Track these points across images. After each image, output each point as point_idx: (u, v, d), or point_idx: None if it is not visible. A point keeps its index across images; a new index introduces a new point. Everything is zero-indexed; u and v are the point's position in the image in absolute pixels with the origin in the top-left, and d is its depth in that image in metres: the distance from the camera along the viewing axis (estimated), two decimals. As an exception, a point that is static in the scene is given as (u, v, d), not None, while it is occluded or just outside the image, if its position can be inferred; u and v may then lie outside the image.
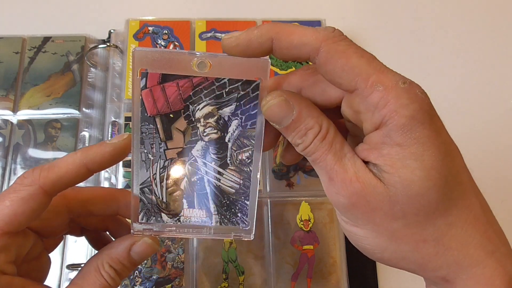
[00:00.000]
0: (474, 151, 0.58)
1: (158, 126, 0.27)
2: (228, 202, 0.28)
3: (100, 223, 0.32)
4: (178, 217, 0.28)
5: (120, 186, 0.47)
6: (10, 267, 0.26)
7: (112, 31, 0.55)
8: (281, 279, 0.45)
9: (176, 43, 0.53)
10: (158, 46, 0.52)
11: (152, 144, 0.27)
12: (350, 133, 0.29)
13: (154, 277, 0.44)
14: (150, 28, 0.53)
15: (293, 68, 0.53)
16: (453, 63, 0.61)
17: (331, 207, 0.48)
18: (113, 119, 0.50)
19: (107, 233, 0.33)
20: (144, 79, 0.26)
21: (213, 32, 0.54)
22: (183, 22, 0.54)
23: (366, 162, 0.24)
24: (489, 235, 0.24)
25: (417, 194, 0.22)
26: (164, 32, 0.53)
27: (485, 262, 0.23)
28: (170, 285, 0.44)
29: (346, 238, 0.47)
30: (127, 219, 0.34)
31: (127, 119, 0.49)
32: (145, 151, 0.27)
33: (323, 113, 0.25)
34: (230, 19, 0.55)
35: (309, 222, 0.47)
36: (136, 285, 0.44)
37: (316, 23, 0.55)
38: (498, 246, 0.24)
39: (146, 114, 0.27)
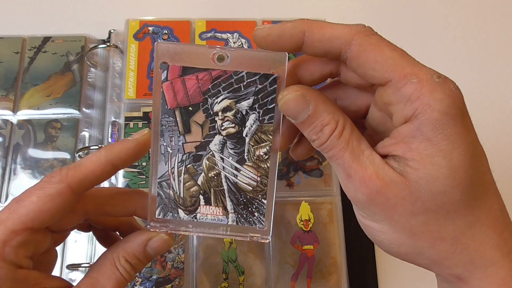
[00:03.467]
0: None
1: (178, 119, 0.27)
2: (245, 200, 0.28)
3: (112, 223, 0.32)
4: (194, 214, 0.28)
5: (119, 186, 0.47)
6: (27, 261, 0.26)
7: (112, 31, 0.55)
8: (281, 279, 0.45)
9: (176, 43, 0.53)
10: (158, 46, 0.52)
11: (171, 137, 0.27)
12: (367, 133, 0.29)
13: (154, 277, 0.44)
14: (150, 28, 0.53)
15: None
16: (454, 63, 0.61)
17: (331, 207, 0.48)
18: (113, 119, 0.50)
19: (117, 232, 0.33)
20: (165, 71, 0.26)
21: (213, 32, 0.54)
22: (183, 22, 0.54)
23: (384, 157, 0.24)
24: (506, 236, 0.24)
25: (441, 192, 0.22)
26: (164, 32, 0.53)
27: (500, 262, 0.23)
28: (170, 285, 0.44)
29: (346, 238, 0.47)
30: (139, 222, 0.34)
31: (127, 119, 0.49)
32: (164, 144, 0.28)
33: (340, 109, 0.25)
34: (230, 19, 0.55)
35: (309, 222, 0.47)
36: (136, 285, 0.44)
37: (316, 23, 0.55)
38: None
39: (166, 107, 0.27)
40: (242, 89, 0.27)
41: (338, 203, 0.48)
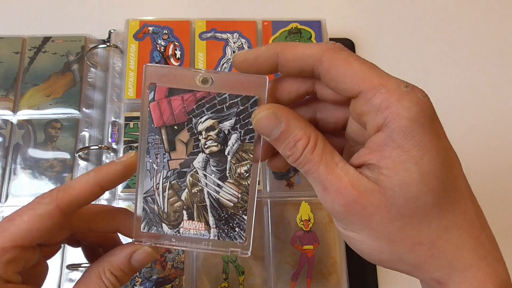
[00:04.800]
0: (474, 152, 0.58)
1: (163, 137, 0.28)
2: (226, 216, 0.29)
3: (97, 239, 0.33)
4: (178, 229, 0.29)
5: (119, 191, 0.47)
6: (16, 276, 0.27)
7: (112, 31, 0.55)
8: (281, 279, 0.45)
9: (176, 43, 0.53)
10: (158, 46, 0.52)
11: (157, 154, 0.29)
12: (346, 148, 0.30)
13: (154, 277, 0.44)
14: (150, 28, 0.53)
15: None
16: (453, 63, 0.61)
17: (331, 207, 0.48)
18: (113, 119, 0.50)
19: (101, 249, 0.34)
20: (153, 92, 0.28)
21: (213, 32, 0.54)
22: (183, 22, 0.54)
23: (360, 167, 0.25)
24: (482, 240, 0.24)
25: (414, 197, 0.23)
26: (164, 32, 0.53)
27: (477, 265, 0.24)
28: (170, 285, 0.44)
29: (346, 238, 0.47)
30: (121, 240, 0.35)
31: (127, 119, 0.49)
32: (150, 160, 0.29)
33: (312, 125, 0.26)
34: (230, 19, 0.55)
35: (309, 222, 0.47)
36: (136, 285, 0.44)
37: (316, 23, 0.55)
38: (490, 250, 0.24)
39: (152, 125, 0.28)
40: (225, 110, 0.28)
41: (338, 203, 0.48)
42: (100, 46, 0.52)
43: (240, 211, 0.29)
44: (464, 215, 0.24)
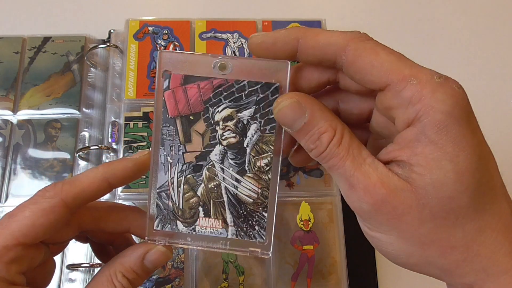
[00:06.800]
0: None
1: (178, 127, 0.27)
2: (245, 212, 0.27)
3: (107, 237, 0.32)
4: (193, 226, 0.28)
5: (119, 191, 0.47)
6: (20, 277, 0.25)
7: (112, 31, 0.55)
8: (281, 279, 0.45)
9: (176, 43, 0.53)
10: (158, 46, 0.52)
11: (172, 146, 0.27)
12: (370, 141, 0.28)
13: (154, 277, 0.44)
14: (150, 28, 0.53)
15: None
16: (454, 63, 0.61)
17: (331, 207, 0.48)
18: (113, 119, 0.50)
19: (111, 247, 0.33)
20: (167, 80, 0.26)
21: (213, 32, 0.54)
22: (183, 22, 0.54)
23: (388, 164, 0.23)
24: None
25: (449, 197, 0.21)
26: (164, 32, 0.53)
27: None
28: (170, 285, 0.44)
29: (346, 238, 0.47)
30: (134, 238, 0.34)
31: (127, 119, 0.49)
32: (165, 153, 0.27)
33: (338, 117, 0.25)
34: (230, 19, 0.55)
35: (309, 222, 0.47)
36: (136, 285, 0.44)
37: (316, 23, 0.55)
38: None
39: (167, 115, 0.27)
40: (244, 98, 0.26)
41: (338, 203, 0.48)
42: (100, 46, 0.52)
43: (260, 208, 0.27)
44: (500, 216, 0.22)
